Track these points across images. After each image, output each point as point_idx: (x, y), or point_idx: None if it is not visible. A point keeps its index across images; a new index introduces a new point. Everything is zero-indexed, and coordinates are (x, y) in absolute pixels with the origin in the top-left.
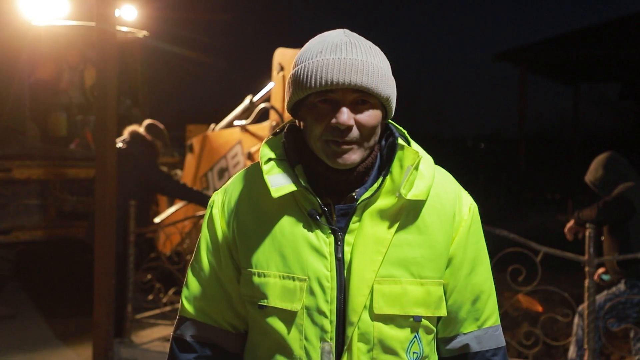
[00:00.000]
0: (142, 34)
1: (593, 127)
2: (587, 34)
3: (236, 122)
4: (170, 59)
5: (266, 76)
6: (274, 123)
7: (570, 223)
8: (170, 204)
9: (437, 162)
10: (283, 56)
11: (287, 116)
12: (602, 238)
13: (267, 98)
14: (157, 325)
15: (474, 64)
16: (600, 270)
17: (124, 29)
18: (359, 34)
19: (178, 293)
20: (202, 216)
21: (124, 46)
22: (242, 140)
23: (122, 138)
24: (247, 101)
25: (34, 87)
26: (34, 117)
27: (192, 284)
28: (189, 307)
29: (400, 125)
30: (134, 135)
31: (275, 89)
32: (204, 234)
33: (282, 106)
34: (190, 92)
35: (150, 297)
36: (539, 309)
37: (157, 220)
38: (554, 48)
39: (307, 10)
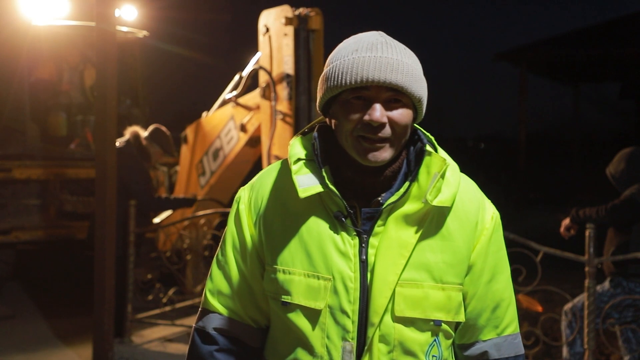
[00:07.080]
0: (142, 34)
1: (593, 127)
2: (587, 34)
3: (227, 96)
4: (170, 59)
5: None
6: (264, 84)
7: (566, 221)
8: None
9: None
10: (268, 16)
11: (278, 74)
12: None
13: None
14: (157, 325)
15: (474, 64)
16: None
17: (124, 29)
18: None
19: (178, 293)
20: (201, 216)
21: (124, 46)
22: (234, 115)
23: (122, 138)
24: (236, 77)
25: (34, 87)
26: (34, 117)
27: (217, 278)
28: (212, 300)
29: None
30: (131, 137)
31: (262, 51)
32: (230, 228)
33: (270, 67)
34: (190, 92)
35: (150, 297)
36: (539, 309)
37: (157, 220)
38: (554, 48)
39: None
